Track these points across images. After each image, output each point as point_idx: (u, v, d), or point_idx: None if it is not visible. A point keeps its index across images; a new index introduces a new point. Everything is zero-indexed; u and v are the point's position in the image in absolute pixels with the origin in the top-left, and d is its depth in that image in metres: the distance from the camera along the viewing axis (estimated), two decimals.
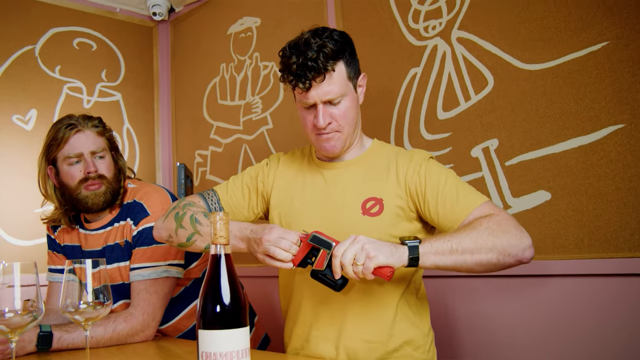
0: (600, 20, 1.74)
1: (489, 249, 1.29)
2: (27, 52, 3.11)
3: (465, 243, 1.28)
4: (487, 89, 1.99)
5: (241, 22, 3.08)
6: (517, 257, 1.31)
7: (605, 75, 1.73)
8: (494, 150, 1.96)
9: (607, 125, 1.72)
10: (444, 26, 2.13)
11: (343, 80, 1.45)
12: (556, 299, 1.83)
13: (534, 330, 1.87)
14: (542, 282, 1.85)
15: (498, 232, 1.30)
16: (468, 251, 1.28)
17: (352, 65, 1.49)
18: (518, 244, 1.31)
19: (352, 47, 1.52)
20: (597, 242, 1.73)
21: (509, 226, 1.32)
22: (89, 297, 1.22)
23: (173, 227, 1.51)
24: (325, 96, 1.44)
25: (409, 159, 1.51)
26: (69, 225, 1.94)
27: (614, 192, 1.70)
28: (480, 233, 1.30)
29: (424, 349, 1.52)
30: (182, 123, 3.49)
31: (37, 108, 3.09)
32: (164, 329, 1.93)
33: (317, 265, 1.30)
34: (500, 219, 1.34)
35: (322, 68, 1.40)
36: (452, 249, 1.28)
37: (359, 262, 1.22)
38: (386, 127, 2.28)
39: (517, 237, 1.31)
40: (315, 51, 1.40)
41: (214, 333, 0.95)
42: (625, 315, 1.69)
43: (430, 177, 1.45)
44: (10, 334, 1.11)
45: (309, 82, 1.41)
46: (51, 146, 1.86)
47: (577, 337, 1.77)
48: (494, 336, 1.96)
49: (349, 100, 1.48)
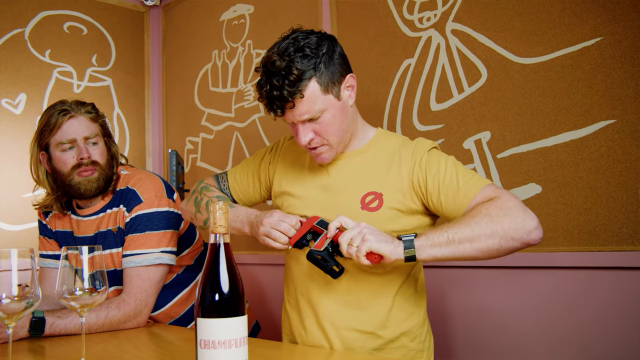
0: (594, 16, 1.76)
1: (488, 236, 1.27)
2: (17, 35, 3.08)
3: (463, 232, 1.28)
4: (481, 82, 2.00)
5: (234, 9, 3.07)
6: (522, 240, 1.28)
7: (598, 70, 1.75)
8: (486, 142, 1.98)
9: (598, 120, 1.74)
10: (438, 18, 2.14)
11: (317, 98, 1.39)
12: (545, 291, 1.85)
13: (525, 320, 1.90)
14: (532, 273, 1.88)
15: (498, 217, 1.28)
16: (467, 240, 1.27)
17: (328, 75, 1.41)
18: (522, 227, 1.27)
19: (331, 52, 1.43)
20: (586, 235, 1.76)
21: (511, 209, 1.29)
22: (85, 284, 1.22)
23: (193, 210, 1.68)
24: (299, 117, 1.41)
25: (411, 151, 1.50)
26: (60, 211, 1.94)
27: (603, 186, 1.73)
28: (478, 220, 1.28)
29: (420, 339, 1.54)
30: (173, 109, 3.47)
31: (27, 92, 3.06)
32: (156, 315, 1.94)
33: (316, 246, 1.34)
34: (502, 202, 1.31)
35: (287, 97, 1.36)
36: (449, 239, 1.28)
37: (355, 243, 1.27)
38: (379, 118, 2.29)
39: (520, 219, 1.28)
40: (281, 77, 1.36)
41: (212, 321, 0.97)
42: (613, 308, 1.72)
43: (430, 169, 1.45)
44: (7, 320, 1.11)
45: (281, 110, 1.40)
46: (44, 132, 1.85)
47: (566, 328, 1.80)
48: (486, 326, 1.99)
49: (330, 114, 1.43)
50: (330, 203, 1.52)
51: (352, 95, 1.51)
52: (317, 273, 1.50)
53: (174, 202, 1.90)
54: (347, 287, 1.49)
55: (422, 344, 1.53)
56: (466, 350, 2.04)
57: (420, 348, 1.52)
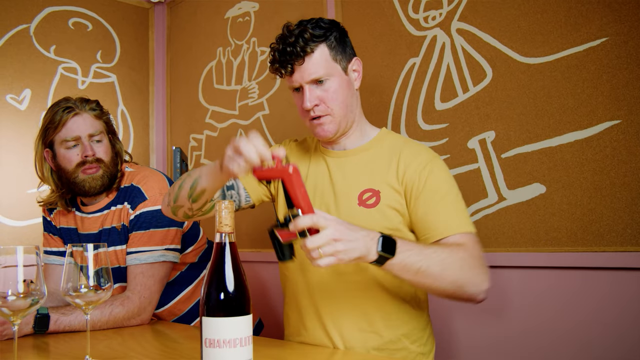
0: (600, 16, 1.75)
1: (450, 282, 1.29)
2: (22, 31, 3.08)
3: (434, 269, 1.27)
4: (486, 81, 2.00)
5: (239, 6, 3.07)
6: (471, 297, 1.33)
7: (603, 71, 1.74)
8: (491, 142, 1.98)
9: (603, 121, 1.74)
10: (444, 17, 2.14)
11: (326, 61, 1.47)
12: (549, 290, 1.85)
13: (526, 320, 1.90)
14: (536, 273, 1.88)
15: (467, 268, 1.31)
16: (432, 277, 1.27)
17: (339, 49, 1.50)
18: (479, 285, 1.33)
19: (342, 33, 1.53)
20: (590, 235, 1.76)
21: (478, 266, 1.34)
22: (90, 281, 1.23)
23: (174, 192, 1.50)
24: (308, 76, 1.45)
25: (414, 155, 1.50)
26: (65, 208, 1.94)
27: (608, 186, 1.73)
28: (452, 263, 1.30)
29: (421, 342, 1.54)
30: (177, 106, 3.48)
31: (32, 88, 3.07)
32: (160, 312, 1.94)
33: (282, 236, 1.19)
34: (475, 254, 1.35)
35: (300, 51, 1.44)
36: (419, 270, 1.25)
37: (325, 252, 1.15)
38: (383, 117, 2.29)
39: (481, 278, 1.33)
40: (295, 36, 1.44)
41: (218, 320, 0.97)
42: (616, 308, 1.72)
43: (431, 184, 1.45)
44: (13, 317, 1.12)
45: (291, 66, 1.45)
46: (48, 129, 1.85)
47: (567, 328, 1.80)
48: (488, 326, 1.99)
49: (336, 82, 1.48)
50: (329, 199, 1.53)
51: (358, 79, 1.57)
52: (316, 272, 1.50)
53: None
54: (349, 287, 1.48)
55: (423, 346, 1.53)
56: (468, 354, 2.04)
57: (421, 351, 1.52)
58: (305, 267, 1.53)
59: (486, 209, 1.98)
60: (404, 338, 1.50)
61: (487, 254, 1.96)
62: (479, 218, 1.99)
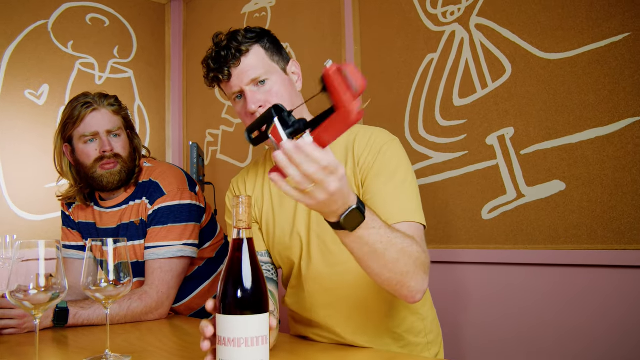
0: (622, 11, 1.73)
1: (400, 272, 1.17)
2: (40, 26, 3.11)
3: (390, 255, 1.14)
4: (505, 77, 1.98)
5: (256, 1, 3.06)
6: (409, 294, 1.21)
7: (625, 67, 1.72)
8: (510, 138, 1.96)
9: (625, 118, 1.72)
10: (462, 12, 2.12)
11: (263, 60, 1.42)
12: (569, 288, 1.84)
13: (540, 316, 1.88)
14: (555, 271, 1.86)
15: (418, 263, 1.20)
16: (384, 262, 1.15)
17: (274, 49, 1.46)
18: (422, 284, 1.22)
19: (274, 38, 1.49)
20: (610, 233, 1.74)
21: (426, 265, 1.23)
22: (110, 275, 1.23)
23: None
24: (247, 77, 1.39)
25: (366, 140, 1.41)
26: (83, 203, 1.95)
27: (629, 184, 1.71)
28: (409, 255, 1.18)
29: (425, 332, 1.53)
30: (193, 101, 3.48)
31: (49, 83, 3.09)
32: (177, 307, 1.95)
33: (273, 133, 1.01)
34: (425, 248, 1.25)
35: (235, 52, 1.39)
36: (376, 251, 1.13)
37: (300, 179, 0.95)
38: (401, 112, 2.27)
39: (422, 280, 1.22)
40: (227, 40, 1.41)
41: (235, 318, 0.95)
42: (636, 306, 1.70)
43: (379, 165, 1.35)
44: (35, 311, 1.13)
45: (227, 69, 1.40)
46: (67, 124, 1.86)
47: (582, 324, 1.79)
48: (500, 320, 1.98)
49: (278, 81, 1.42)
50: (300, 211, 1.46)
51: (299, 81, 1.51)
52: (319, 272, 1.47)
53: (196, 195, 1.90)
54: (350, 284, 1.45)
55: (428, 336, 1.51)
56: (477, 342, 2.03)
57: (427, 340, 1.50)
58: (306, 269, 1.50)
59: (505, 205, 1.96)
60: (407, 334, 1.49)
61: (506, 252, 1.95)
62: (497, 215, 1.98)
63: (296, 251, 1.48)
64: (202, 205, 1.93)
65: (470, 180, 2.06)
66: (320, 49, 2.65)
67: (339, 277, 1.44)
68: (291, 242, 1.48)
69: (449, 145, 2.12)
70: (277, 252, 1.52)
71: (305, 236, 1.45)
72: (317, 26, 2.69)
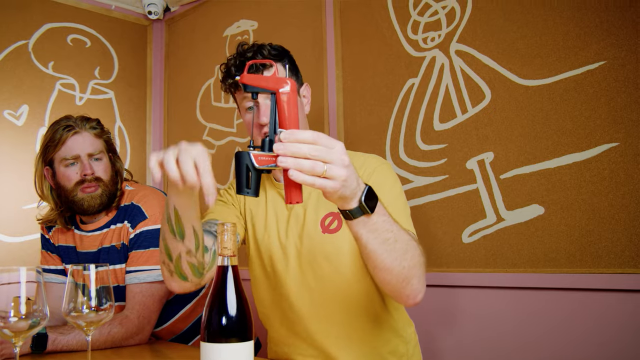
0: (597, 40, 1.78)
1: (407, 266, 1.20)
2: (20, 47, 3.09)
3: (400, 245, 1.18)
4: (484, 102, 2.01)
5: (238, 24, 3.08)
6: (411, 294, 1.25)
7: (601, 94, 1.76)
8: (489, 163, 1.99)
9: (601, 143, 1.75)
10: (442, 38, 2.16)
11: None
12: (546, 311, 1.85)
13: (522, 341, 1.90)
14: (534, 294, 1.88)
15: (423, 261, 1.26)
16: (394, 253, 1.17)
17: (293, 70, 1.52)
18: (422, 284, 1.26)
19: (293, 60, 1.55)
20: (588, 257, 1.77)
21: (424, 263, 1.28)
22: (92, 302, 1.22)
23: (161, 247, 1.29)
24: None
25: (360, 164, 1.48)
26: (64, 226, 1.94)
27: (606, 208, 1.74)
28: (415, 248, 1.23)
29: (407, 355, 1.54)
30: (175, 123, 3.48)
31: (29, 104, 3.07)
32: (158, 331, 1.93)
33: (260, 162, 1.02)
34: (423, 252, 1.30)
35: (258, 65, 1.43)
36: (387, 240, 1.15)
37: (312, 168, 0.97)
38: (382, 136, 2.30)
39: (423, 277, 1.27)
40: (253, 51, 1.46)
41: (219, 346, 0.94)
42: (613, 330, 1.72)
43: (374, 181, 1.40)
44: (15, 339, 1.11)
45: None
46: (48, 147, 1.85)
47: (564, 349, 1.80)
48: (480, 343, 1.99)
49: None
50: (293, 230, 1.49)
51: (307, 105, 1.58)
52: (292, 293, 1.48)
53: None
54: (333, 309, 1.46)
55: (411, 358, 1.53)
56: None
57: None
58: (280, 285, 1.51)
59: (485, 229, 1.99)
60: (390, 356, 1.50)
61: (486, 275, 1.97)
62: (478, 239, 2.00)
63: (283, 262, 1.49)
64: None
65: (451, 204, 2.08)
66: (302, 72, 2.67)
67: (327, 292, 1.45)
68: (282, 255, 1.49)
69: (430, 169, 2.15)
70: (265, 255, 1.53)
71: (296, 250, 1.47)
72: (299, 49, 2.71)
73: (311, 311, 1.48)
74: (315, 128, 2.52)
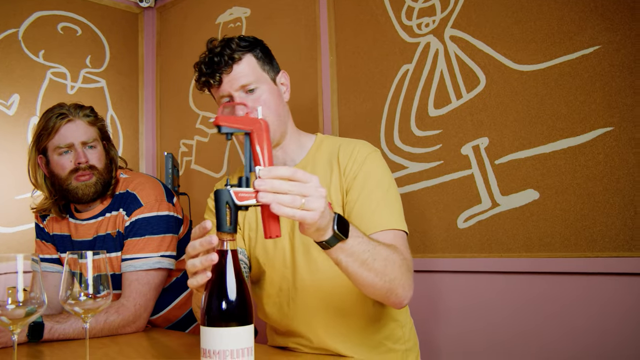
0: (592, 24, 1.78)
1: (389, 280, 1.24)
2: (10, 35, 3.06)
3: (378, 263, 1.21)
4: (479, 88, 2.01)
5: (230, 11, 3.06)
6: (397, 301, 1.30)
7: (596, 78, 1.76)
8: (484, 148, 1.99)
9: (596, 128, 1.76)
10: (437, 24, 2.15)
11: (254, 69, 1.45)
12: (542, 295, 1.87)
13: (519, 325, 1.91)
14: (529, 279, 1.89)
15: (404, 269, 1.28)
16: (374, 271, 1.21)
17: (265, 60, 1.49)
18: (408, 290, 1.30)
19: (266, 48, 1.53)
20: (583, 241, 1.78)
21: (410, 270, 1.31)
22: (90, 289, 1.22)
23: None
24: (237, 84, 1.43)
25: (350, 151, 1.47)
26: (59, 215, 1.93)
27: (601, 192, 1.75)
28: (393, 262, 1.25)
29: (404, 339, 1.54)
30: (167, 111, 3.46)
31: (20, 93, 3.04)
32: (154, 319, 1.93)
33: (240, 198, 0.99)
34: (407, 256, 1.32)
35: (227, 59, 1.42)
36: (366, 261, 1.19)
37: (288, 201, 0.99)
38: (377, 123, 2.29)
39: (410, 283, 1.30)
40: (221, 46, 1.45)
41: (220, 331, 0.94)
42: (609, 313, 1.73)
43: (362, 176, 1.41)
44: (12, 326, 1.11)
45: (219, 75, 1.43)
46: (41, 135, 1.84)
47: (560, 333, 1.82)
48: (476, 329, 2.00)
49: (267, 90, 1.45)
50: (284, 224, 1.47)
51: (287, 92, 1.55)
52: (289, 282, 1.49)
53: (174, 206, 1.89)
54: (327, 294, 1.46)
55: (406, 343, 1.54)
56: (452, 351, 2.05)
57: (405, 348, 1.53)
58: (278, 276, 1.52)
59: (480, 214, 1.99)
60: (386, 340, 1.50)
61: (481, 260, 1.98)
62: (473, 224, 2.00)
63: (280, 258, 1.49)
64: (180, 217, 1.92)
65: (446, 190, 2.08)
66: (296, 60, 2.66)
67: (321, 284, 1.45)
68: (275, 249, 1.49)
69: (425, 155, 2.15)
70: (260, 256, 1.53)
71: (289, 243, 1.47)
72: (292, 37, 2.70)
73: (306, 301, 1.48)
74: (309, 115, 2.52)
